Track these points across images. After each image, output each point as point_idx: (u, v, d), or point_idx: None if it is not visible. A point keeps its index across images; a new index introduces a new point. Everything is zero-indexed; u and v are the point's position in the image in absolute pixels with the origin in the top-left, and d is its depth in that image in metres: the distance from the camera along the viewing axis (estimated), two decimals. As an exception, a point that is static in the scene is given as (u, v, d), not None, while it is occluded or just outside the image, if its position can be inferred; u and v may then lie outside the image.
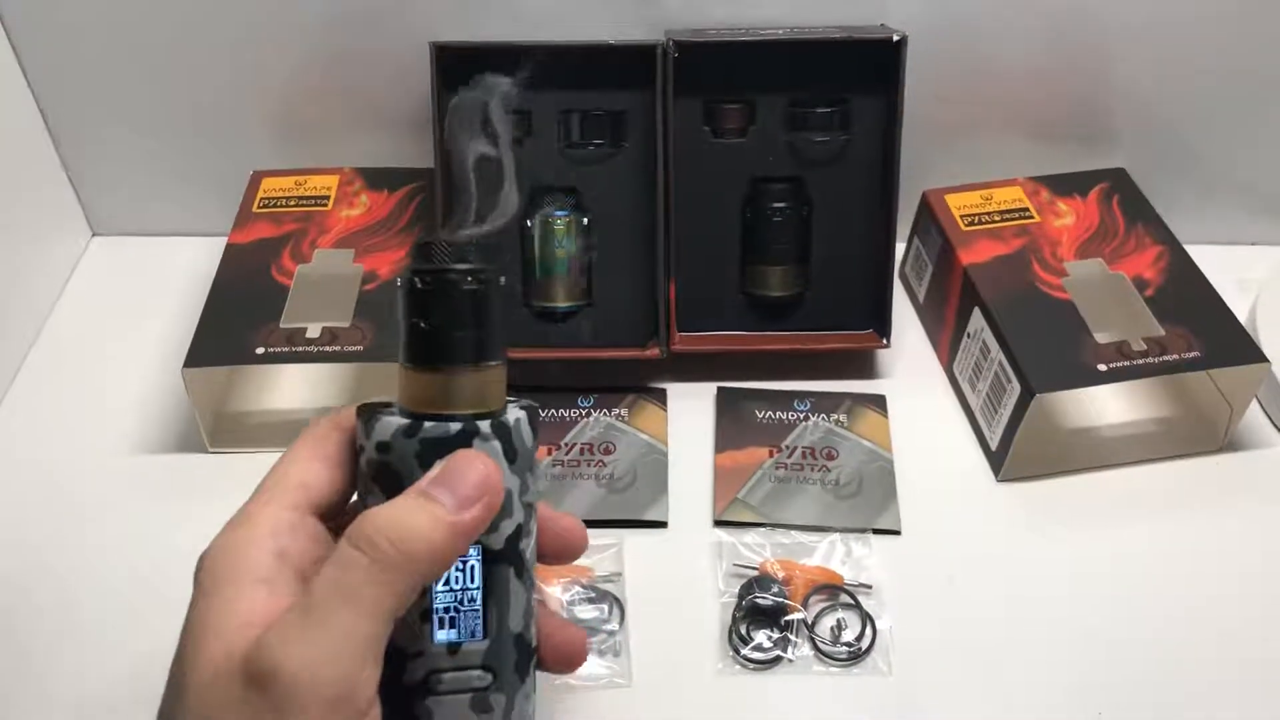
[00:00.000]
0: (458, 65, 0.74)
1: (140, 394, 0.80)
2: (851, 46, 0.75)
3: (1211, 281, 0.78)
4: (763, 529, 0.71)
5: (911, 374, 0.82)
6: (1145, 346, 0.72)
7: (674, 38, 0.74)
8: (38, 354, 0.84)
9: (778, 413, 0.78)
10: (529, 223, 0.78)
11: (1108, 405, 0.77)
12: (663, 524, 0.72)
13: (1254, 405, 0.78)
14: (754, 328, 0.81)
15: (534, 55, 0.73)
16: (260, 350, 0.72)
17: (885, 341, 0.79)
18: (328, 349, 0.72)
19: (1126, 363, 0.71)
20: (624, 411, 0.78)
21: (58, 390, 0.81)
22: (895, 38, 0.73)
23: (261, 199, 0.84)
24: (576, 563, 0.67)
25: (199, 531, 0.70)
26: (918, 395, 0.80)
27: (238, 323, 0.74)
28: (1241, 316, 0.82)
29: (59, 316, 0.87)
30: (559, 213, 0.77)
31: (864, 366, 0.82)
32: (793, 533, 0.70)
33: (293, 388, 0.79)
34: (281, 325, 0.74)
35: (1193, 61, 0.84)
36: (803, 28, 0.79)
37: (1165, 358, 0.71)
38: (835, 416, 0.78)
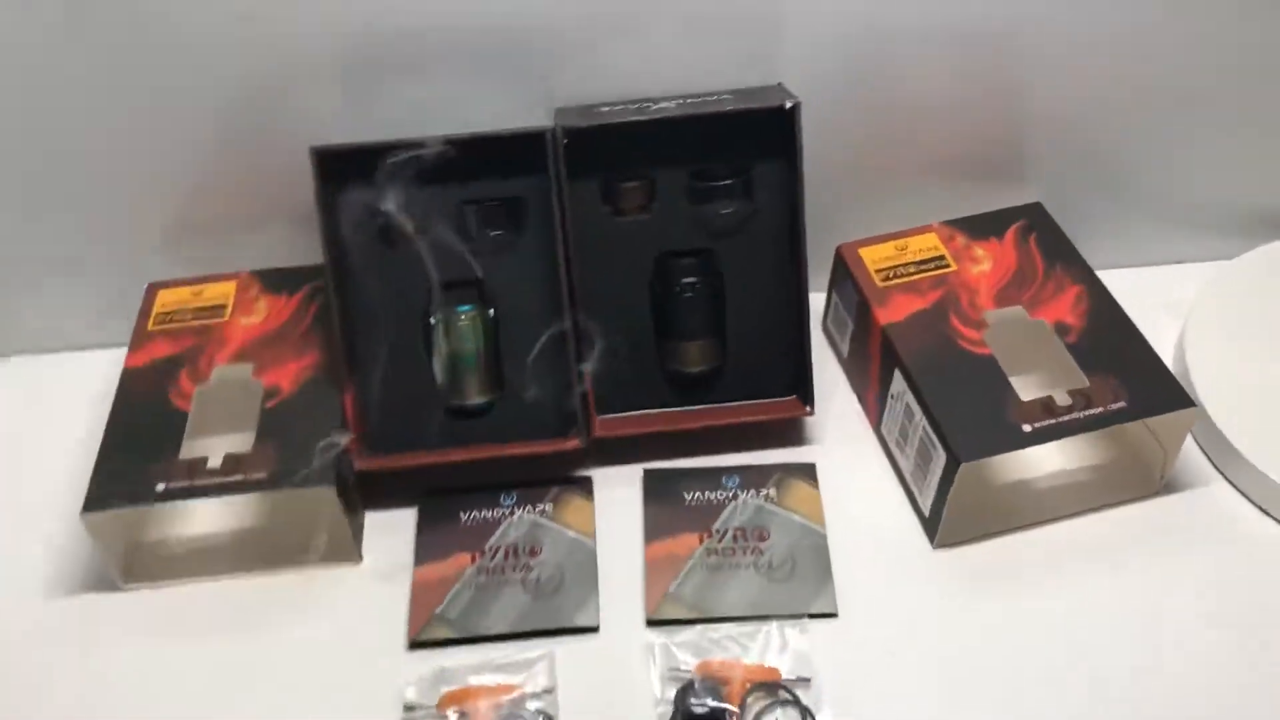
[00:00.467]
0: (342, 166, 0.72)
1: (46, 530, 0.76)
2: (746, 117, 0.73)
3: (1140, 306, 0.77)
4: (697, 625, 0.69)
5: (840, 437, 0.80)
6: (1070, 400, 0.70)
7: (564, 121, 0.72)
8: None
9: (706, 493, 0.76)
10: (433, 320, 0.75)
11: (1039, 458, 0.75)
12: (594, 629, 0.69)
13: (1189, 442, 0.77)
14: (675, 404, 0.79)
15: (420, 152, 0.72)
16: (161, 487, 0.69)
17: (809, 409, 0.77)
18: (230, 479, 0.69)
19: (1053, 420, 0.69)
20: (548, 506, 0.75)
21: (-38, 531, 0.78)
22: (788, 104, 0.71)
23: (158, 314, 0.80)
24: (505, 681, 0.66)
25: (119, 674, 0.69)
26: (848, 460, 0.78)
27: (136, 456, 0.71)
28: (1171, 340, 0.81)
29: (-42, 447, 0.84)
30: (463, 308, 0.75)
31: (791, 433, 0.80)
32: (727, 627, 0.68)
33: (204, 515, 0.76)
34: (181, 456, 0.71)
35: (1101, 83, 0.82)
36: (698, 95, 0.77)
37: (1091, 411, 0.69)
38: (765, 491, 0.75)
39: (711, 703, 0.64)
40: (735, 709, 0.64)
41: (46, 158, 0.80)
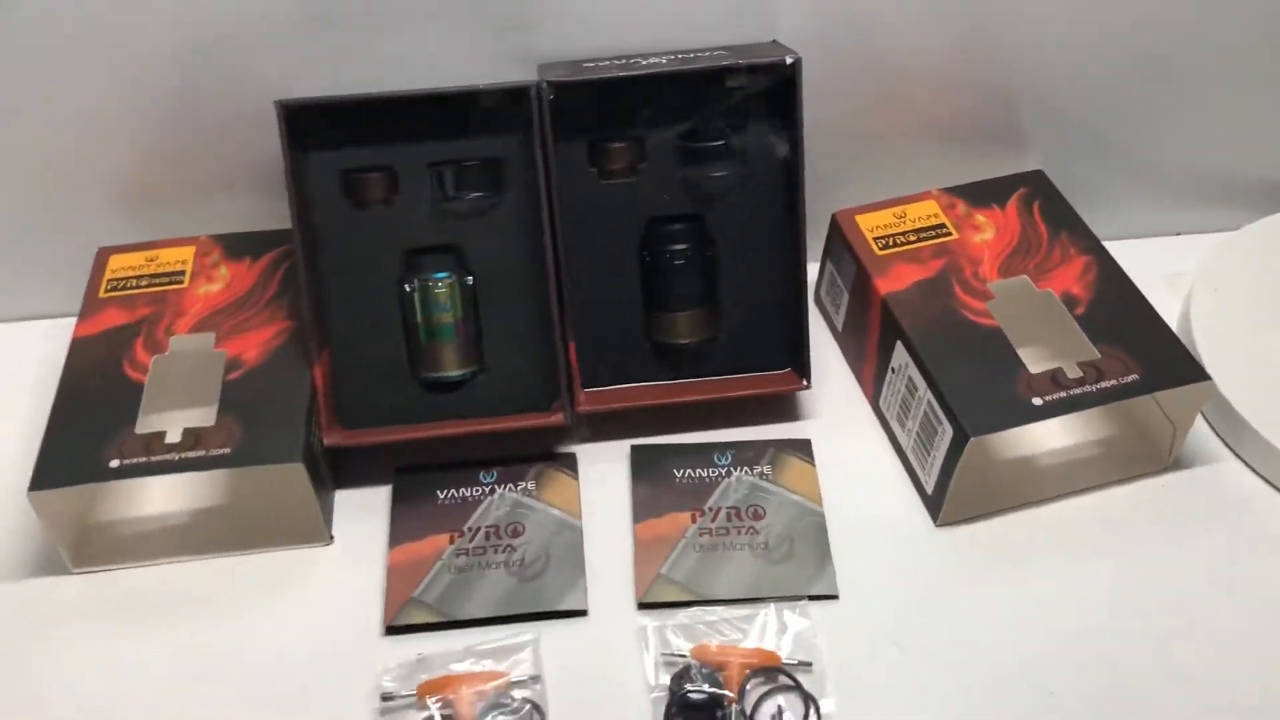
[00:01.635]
0: (310, 122, 0.67)
1: (-9, 511, 0.72)
2: (742, 74, 0.69)
3: (1142, 279, 0.74)
4: (691, 608, 0.65)
5: (836, 412, 0.76)
6: (1081, 373, 0.67)
7: (548, 76, 0.68)
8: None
9: (698, 470, 0.72)
10: (407, 287, 0.71)
11: (1046, 433, 0.72)
12: (582, 613, 0.66)
13: (1199, 419, 0.74)
14: (664, 377, 0.75)
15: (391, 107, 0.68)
16: (115, 464, 0.65)
17: (805, 383, 0.73)
18: (190, 455, 0.65)
19: (1063, 393, 0.66)
20: (531, 484, 0.71)
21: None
22: (789, 60, 0.67)
23: (109, 281, 0.75)
24: (490, 667, 0.62)
25: (69, 665, 0.64)
26: (844, 436, 0.75)
27: (88, 431, 0.67)
28: (1174, 314, 0.79)
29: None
30: (439, 275, 0.71)
31: (785, 408, 0.76)
32: (723, 609, 0.65)
33: (161, 494, 0.71)
34: (137, 430, 0.66)
35: (1101, 51, 0.80)
36: (688, 52, 0.73)
37: (1102, 384, 0.66)
38: (759, 469, 0.72)
39: (709, 689, 0.61)
40: (734, 695, 0.61)
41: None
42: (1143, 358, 0.68)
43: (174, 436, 0.66)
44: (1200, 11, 0.78)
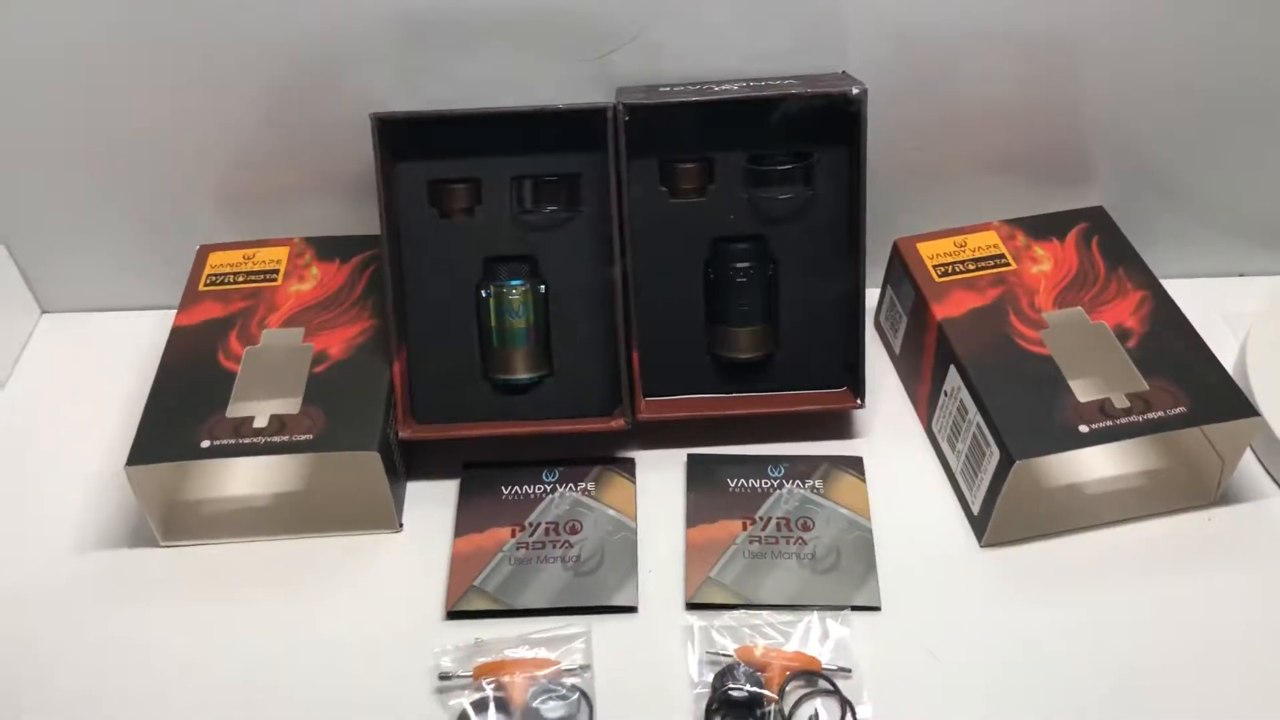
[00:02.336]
0: (401, 135, 0.72)
1: (91, 485, 0.77)
2: (810, 101, 0.72)
3: (1199, 317, 0.75)
4: (737, 611, 0.68)
5: (889, 432, 0.79)
6: (1129, 403, 0.68)
7: (625, 99, 0.71)
8: (-12, 440, 0.81)
9: (750, 480, 0.75)
10: (484, 293, 0.75)
11: (1093, 462, 0.74)
12: (632, 609, 0.69)
13: (1248, 454, 0.75)
14: (722, 390, 0.78)
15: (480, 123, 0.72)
16: (206, 444, 0.69)
17: (860, 401, 0.76)
18: (275, 439, 0.69)
19: (1110, 422, 0.67)
20: (590, 485, 0.75)
21: (7, 481, 0.78)
22: (854, 91, 0.70)
23: (208, 276, 0.81)
24: (543, 655, 0.65)
25: (154, 632, 0.68)
26: (896, 455, 0.77)
27: (183, 413, 0.71)
28: (1231, 354, 0.79)
29: (8, 400, 0.84)
30: (514, 282, 0.74)
31: (839, 426, 0.79)
32: (768, 614, 0.67)
33: (245, 476, 0.76)
34: (228, 415, 0.71)
35: (1168, 91, 0.81)
36: (760, 79, 0.76)
37: (1150, 415, 0.68)
38: (810, 482, 0.74)
39: (750, 688, 0.63)
40: (774, 695, 0.63)
41: (106, 123, 0.80)
42: (1192, 391, 0.69)
43: (261, 422, 0.70)
44: (1266, 53, 0.79)
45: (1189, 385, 0.69)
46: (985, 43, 0.78)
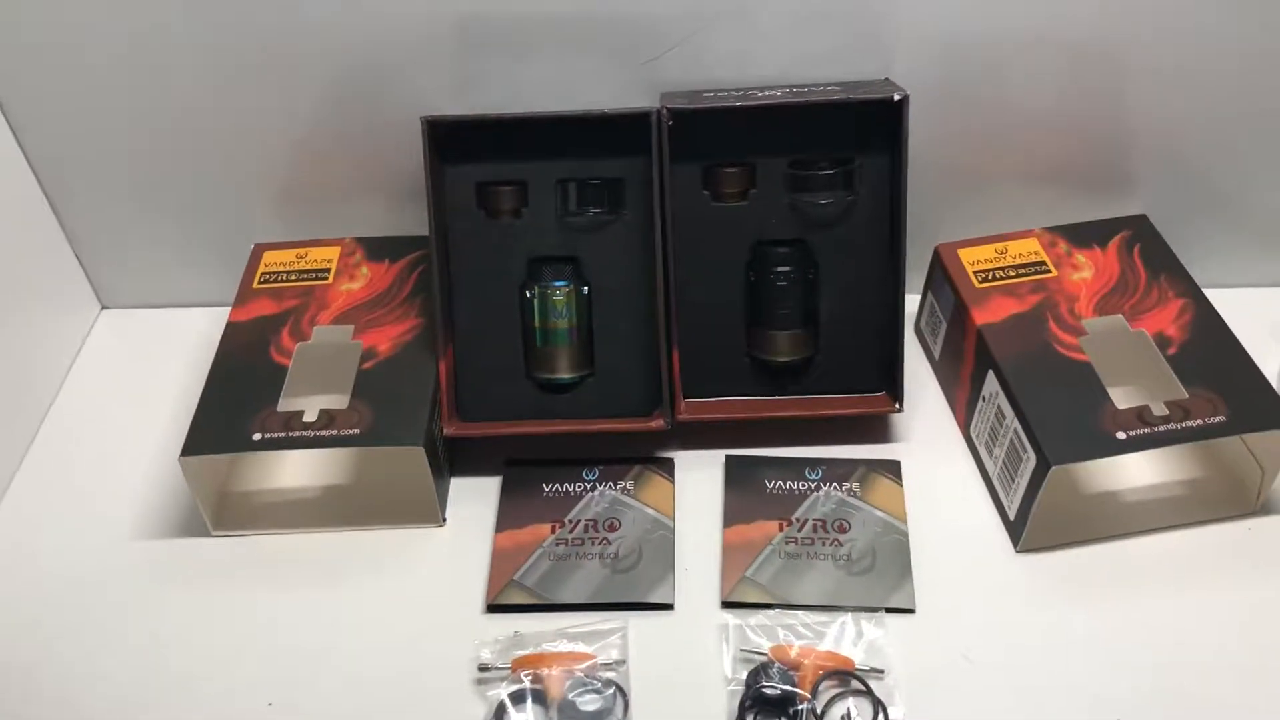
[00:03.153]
0: (450, 138, 0.73)
1: (146, 475, 0.79)
2: (852, 108, 0.73)
3: (1241, 327, 0.75)
4: (771, 610, 0.69)
5: (927, 436, 0.79)
6: (1167, 411, 0.68)
7: (669, 104, 0.72)
8: (49, 428, 0.84)
9: (788, 482, 0.76)
10: (528, 293, 0.76)
11: (1131, 469, 0.74)
12: (669, 606, 0.70)
13: (1289, 465, 0.75)
14: (762, 392, 0.79)
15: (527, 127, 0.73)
16: (257, 436, 0.71)
17: (898, 406, 0.76)
18: (324, 433, 0.71)
19: (1147, 429, 0.68)
20: (630, 484, 0.76)
21: (66, 470, 0.81)
22: (896, 97, 0.71)
23: (262, 274, 0.83)
24: (580, 649, 0.66)
25: (204, 617, 0.71)
26: (933, 460, 0.77)
27: (236, 406, 0.73)
28: (1275, 363, 0.79)
29: (69, 391, 0.87)
30: (558, 283, 0.76)
31: (878, 429, 0.79)
32: (802, 613, 0.68)
33: (295, 468, 0.78)
34: (279, 409, 0.73)
35: (1214, 100, 0.80)
36: (803, 86, 0.77)
37: (1188, 423, 0.68)
38: (848, 485, 0.75)
39: (784, 686, 0.64)
40: (807, 694, 0.64)
41: (166, 123, 0.83)
42: (1232, 400, 0.69)
43: (311, 416, 0.72)
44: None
45: (1229, 394, 0.69)
46: (1030, 50, 0.78)
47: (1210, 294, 0.77)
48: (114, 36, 0.78)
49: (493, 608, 0.70)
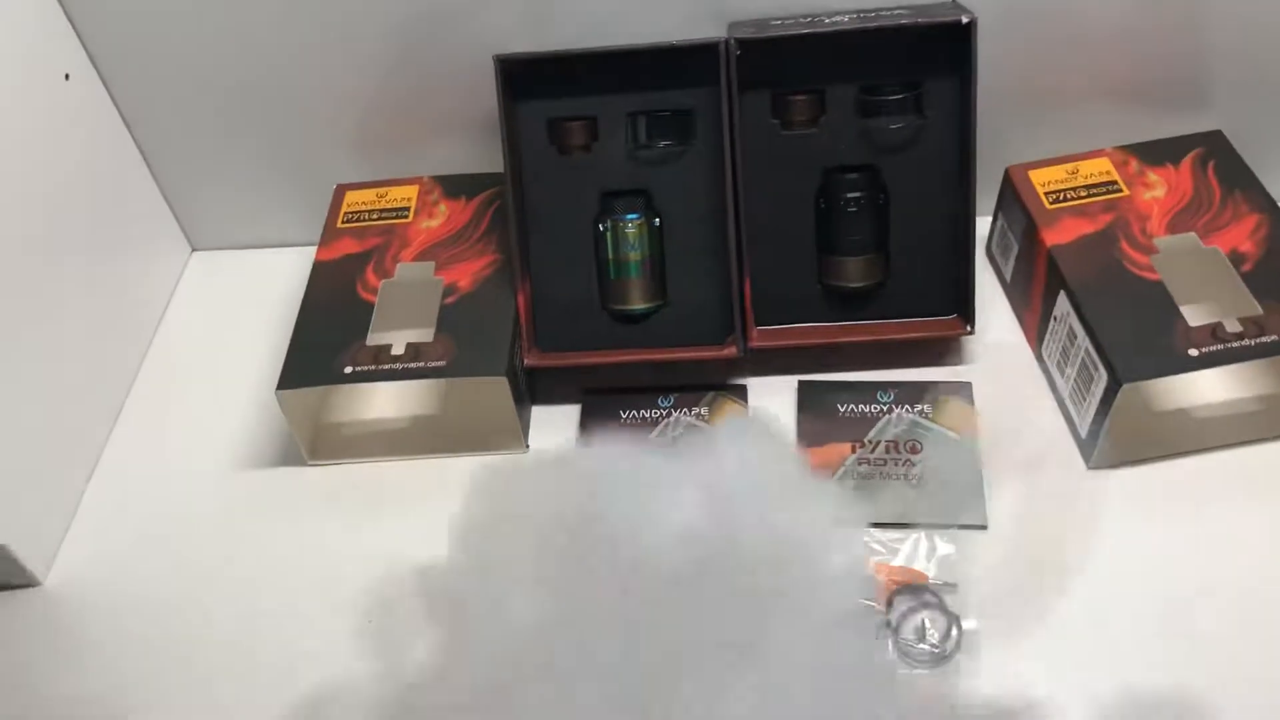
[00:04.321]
0: (522, 75, 0.75)
1: (243, 409, 0.83)
2: (920, 32, 0.73)
3: (1321, 246, 0.74)
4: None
5: (998, 358, 0.80)
6: (1241, 327, 0.68)
7: (737, 34, 0.73)
8: (149, 368, 0.88)
9: (860, 406, 0.77)
10: (601, 227, 0.78)
11: (1204, 386, 0.74)
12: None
13: (1367, 379, 0.74)
14: (833, 319, 0.80)
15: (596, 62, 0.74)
16: (349, 369, 0.75)
17: (969, 328, 0.77)
18: (412, 365, 0.74)
19: (1220, 346, 0.68)
20: (704, 410, 0.78)
21: (167, 406, 0.85)
22: (965, 20, 0.71)
23: (345, 214, 0.86)
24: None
25: (302, 543, 0.74)
26: (1005, 381, 0.78)
27: (326, 341, 0.77)
28: (1355, 278, 0.78)
29: (166, 331, 0.91)
30: (630, 215, 0.77)
31: (949, 353, 0.80)
32: (876, 531, 0.70)
33: (384, 400, 0.82)
34: (368, 343, 0.76)
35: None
36: (870, 11, 0.77)
37: (1263, 339, 0.68)
38: (920, 408, 0.76)
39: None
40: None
41: (249, 71, 0.85)
42: (1309, 315, 0.69)
43: (398, 349, 0.75)
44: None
45: (1305, 309, 0.69)
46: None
47: (1286, 210, 0.77)
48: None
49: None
